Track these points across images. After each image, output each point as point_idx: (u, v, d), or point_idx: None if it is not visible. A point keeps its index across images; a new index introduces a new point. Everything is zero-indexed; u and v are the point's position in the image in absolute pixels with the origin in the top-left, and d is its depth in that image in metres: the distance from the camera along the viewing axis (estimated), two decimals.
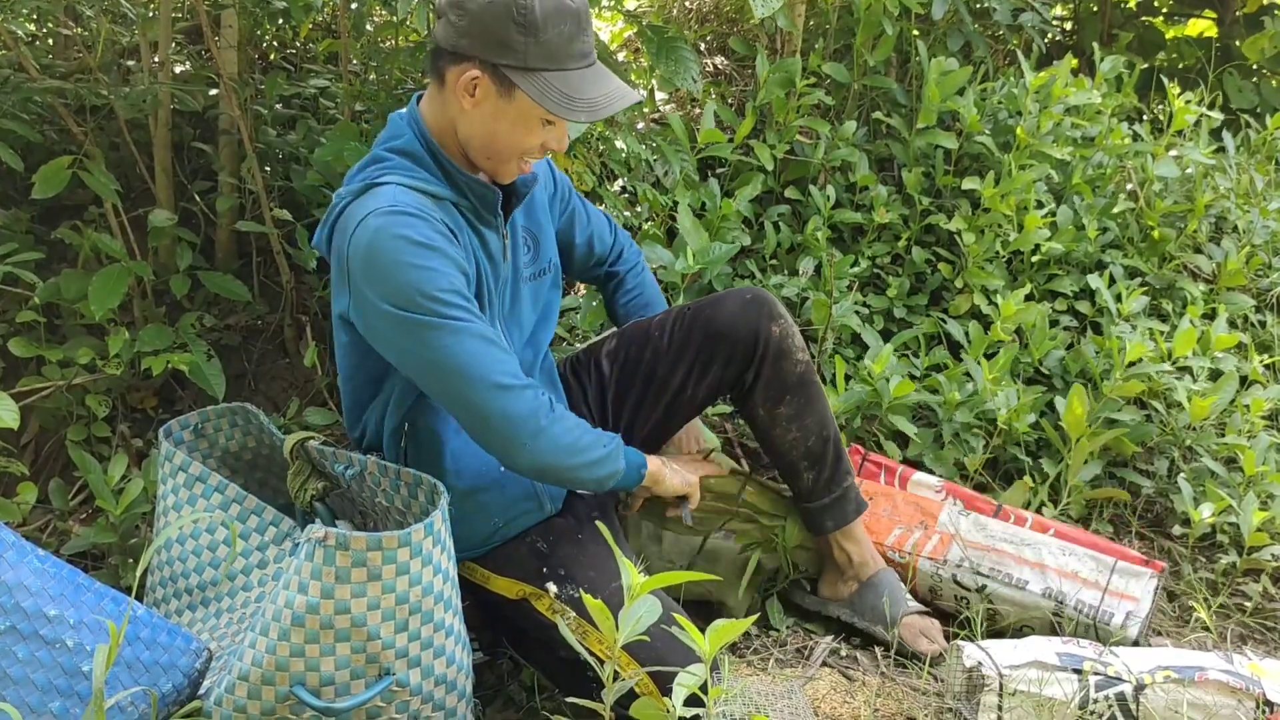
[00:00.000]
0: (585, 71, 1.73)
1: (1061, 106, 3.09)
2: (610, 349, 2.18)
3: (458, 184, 1.82)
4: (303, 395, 2.76)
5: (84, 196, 2.78)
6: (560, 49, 1.70)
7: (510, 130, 1.76)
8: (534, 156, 1.82)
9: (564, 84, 1.70)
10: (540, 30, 1.67)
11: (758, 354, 2.06)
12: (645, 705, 1.52)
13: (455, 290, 1.71)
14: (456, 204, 1.82)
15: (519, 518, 1.94)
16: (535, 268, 2.03)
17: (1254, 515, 2.41)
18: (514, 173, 1.84)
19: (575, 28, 1.70)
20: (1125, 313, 2.84)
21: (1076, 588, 2.14)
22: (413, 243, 1.69)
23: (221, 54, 2.74)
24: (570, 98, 1.70)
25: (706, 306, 2.09)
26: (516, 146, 1.78)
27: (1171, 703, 1.79)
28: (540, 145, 1.79)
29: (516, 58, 1.69)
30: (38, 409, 2.46)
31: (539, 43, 1.68)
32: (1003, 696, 1.82)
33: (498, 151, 1.79)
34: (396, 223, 1.69)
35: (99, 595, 1.59)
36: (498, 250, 1.89)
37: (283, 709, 1.59)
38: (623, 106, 1.74)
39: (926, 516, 2.31)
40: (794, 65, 2.97)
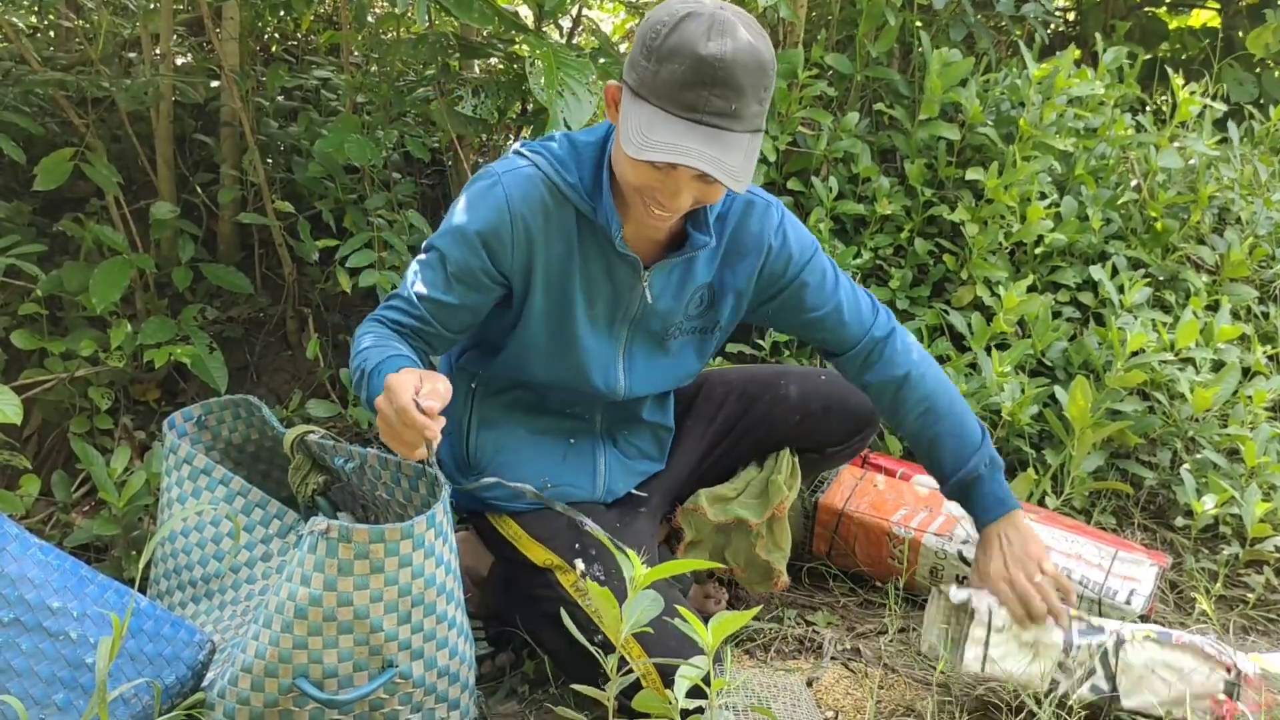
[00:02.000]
0: (680, 121, 1.57)
1: (1064, 97, 3.08)
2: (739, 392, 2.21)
3: (600, 200, 1.77)
4: (305, 387, 2.76)
5: (86, 189, 2.78)
6: (667, 88, 1.56)
7: (621, 156, 1.67)
8: (653, 204, 1.68)
9: (649, 119, 1.58)
10: (659, 59, 1.56)
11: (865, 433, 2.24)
12: (647, 697, 1.52)
13: (452, 261, 1.78)
14: (586, 216, 1.79)
15: (568, 489, 1.98)
16: (698, 323, 1.98)
17: (1256, 507, 2.41)
18: (642, 215, 1.72)
19: (691, 75, 1.54)
20: (1128, 304, 2.84)
21: (1082, 566, 2.15)
22: (470, 211, 1.78)
23: (223, 46, 2.74)
24: (639, 131, 1.58)
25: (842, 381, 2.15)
26: (627, 179, 1.68)
27: (1149, 660, 1.80)
28: (650, 188, 1.66)
29: (635, 79, 1.61)
30: (40, 401, 2.47)
31: (653, 73, 1.57)
32: (990, 631, 1.83)
33: (621, 178, 1.72)
34: (482, 196, 1.78)
35: (102, 587, 1.59)
36: (626, 285, 1.86)
37: (286, 701, 1.60)
38: (683, 162, 1.56)
39: (933, 502, 2.33)
40: (796, 56, 2.96)
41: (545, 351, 1.89)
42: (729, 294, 1.94)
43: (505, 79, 2.77)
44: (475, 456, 1.98)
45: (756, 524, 2.15)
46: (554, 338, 1.88)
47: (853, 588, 2.37)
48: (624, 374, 1.95)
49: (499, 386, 2.00)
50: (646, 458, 2.13)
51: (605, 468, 2.04)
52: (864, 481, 2.43)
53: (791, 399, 2.17)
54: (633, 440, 2.11)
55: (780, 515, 2.15)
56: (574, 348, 1.88)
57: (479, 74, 3.30)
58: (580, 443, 2.03)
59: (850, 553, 2.35)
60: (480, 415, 1.99)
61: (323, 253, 2.72)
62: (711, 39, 1.55)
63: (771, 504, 2.14)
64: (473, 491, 1.93)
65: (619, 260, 1.83)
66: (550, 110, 2.21)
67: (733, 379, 2.24)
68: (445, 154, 3.08)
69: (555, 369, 1.91)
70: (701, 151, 1.56)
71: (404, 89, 2.83)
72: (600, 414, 2.04)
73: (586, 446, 2.04)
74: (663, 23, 1.58)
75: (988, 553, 1.92)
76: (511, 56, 2.76)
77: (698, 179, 1.63)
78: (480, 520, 2.00)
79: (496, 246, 1.77)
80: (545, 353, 1.89)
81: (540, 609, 1.90)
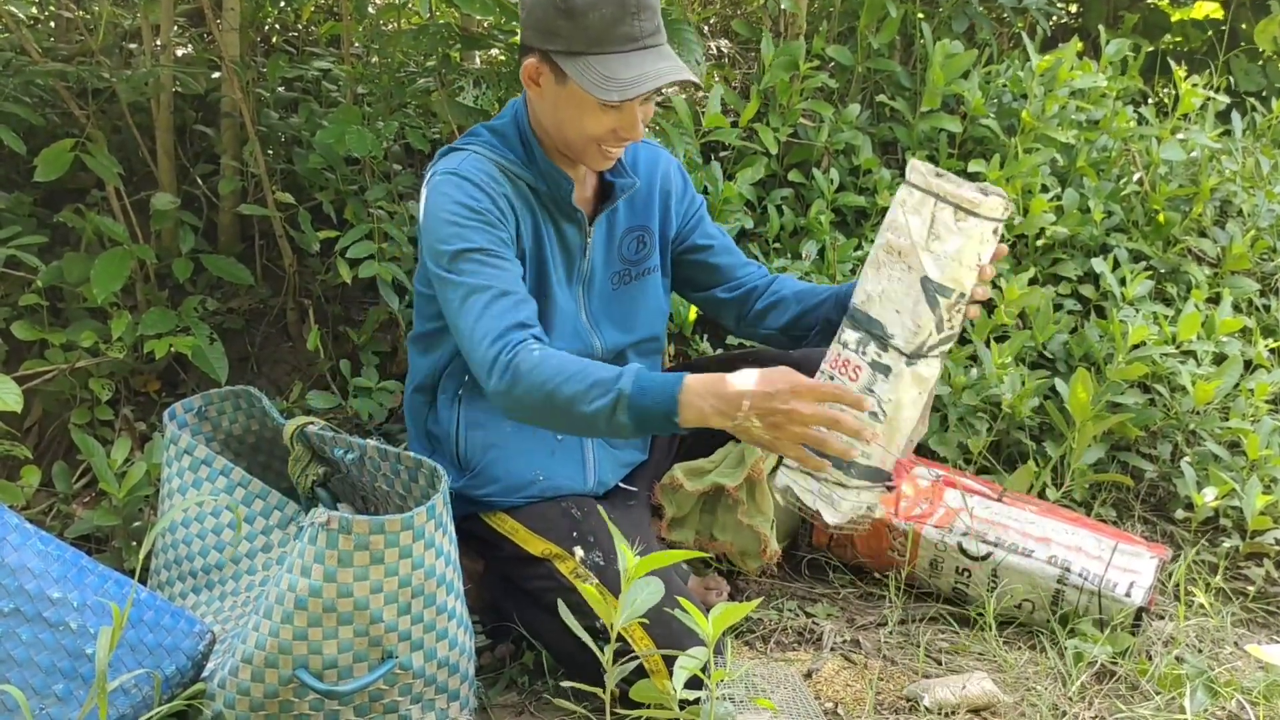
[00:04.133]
0: (630, 54, 1.73)
1: (1067, 90, 3.07)
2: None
3: (538, 169, 1.89)
4: (305, 378, 2.76)
5: (86, 180, 2.77)
6: (602, 32, 1.71)
7: (573, 117, 1.80)
8: (611, 144, 1.84)
9: (604, 66, 1.72)
10: (580, 15, 1.71)
11: None
12: (645, 687, 1.52)
13: (479, 248, 1.78)
14: (533, 187, 1.90)
15: (560, 480, 1.99)
16: (642, 266, 2.09)
17: (1257, 499, 2.41)
18: (598, 161, 1.88)
19: (618, 10, 1.71)
20: (1129, 296, 2.84)
21: (1082, 557, 2.16)
22: (456, 201, 1.80)
23: (223, 36, 2.73)
24: (606, 78, 1.72)
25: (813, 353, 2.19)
26: (584, 133, 1.81)
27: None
28: (611, 131, 1.81)
29: (562, 43, 1.73)
30: (41, 392, 2.47)
31: (580, 27, 1.71)
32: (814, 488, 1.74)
33: (568, 140, 1.84)
34: (450, 182, 1.83)
35: (102, 578, 1.60)
36: (576, 244, 1.97)
37: (286, 692, 1.60)
38: (660, 84, 1.73)
39: (933, 495, 2.33)
40: (798, 48, 2.96)
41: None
42: (654, 232, 2.08)
43: (506, 70, 2.77)
44: (466, 457, 2.00)
45: (735, 488, 2.16)
46: (539, 310, 1.92)
47: (853, 579, 2.37)
48: (593, 330, 2.02)
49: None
50: (632, 447, 2.16)
51: (594, 459, 2.05)
52: None
53: None
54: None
55: (758, 478, 2.17)
56: (551, 310, 1.95)
57: (480, 65, 3.29)
58: (568, 435, 2.04)
59: (850, 545, 2.35)
60: (468, 417, 2.00)
61: (323, 244, 2.72)
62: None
63: (748, 465, 2.15)
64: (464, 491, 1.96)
65: (568, 221, 1.95)
66: None
67: (705, 364, 2.31)
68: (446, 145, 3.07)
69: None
70: (667, 68, 1.75)
71: (405, 80, 2.83)
72: None
73: (574, 438, 2.04)
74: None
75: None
76: (512, 47, 2.76)
77: (643, 102, 1.79)
78: (474, 522, 2.00)
79: (497, 212, 1.83)
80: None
81: (539, 601, 1.91)
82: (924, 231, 1.64)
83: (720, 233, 2.21)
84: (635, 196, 2.05)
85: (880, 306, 1.67)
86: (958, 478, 2.41)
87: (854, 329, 1.70)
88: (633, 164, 2.05)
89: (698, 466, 2.22)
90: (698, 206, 2.17)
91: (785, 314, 2.10)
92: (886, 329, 1.66)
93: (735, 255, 2.19)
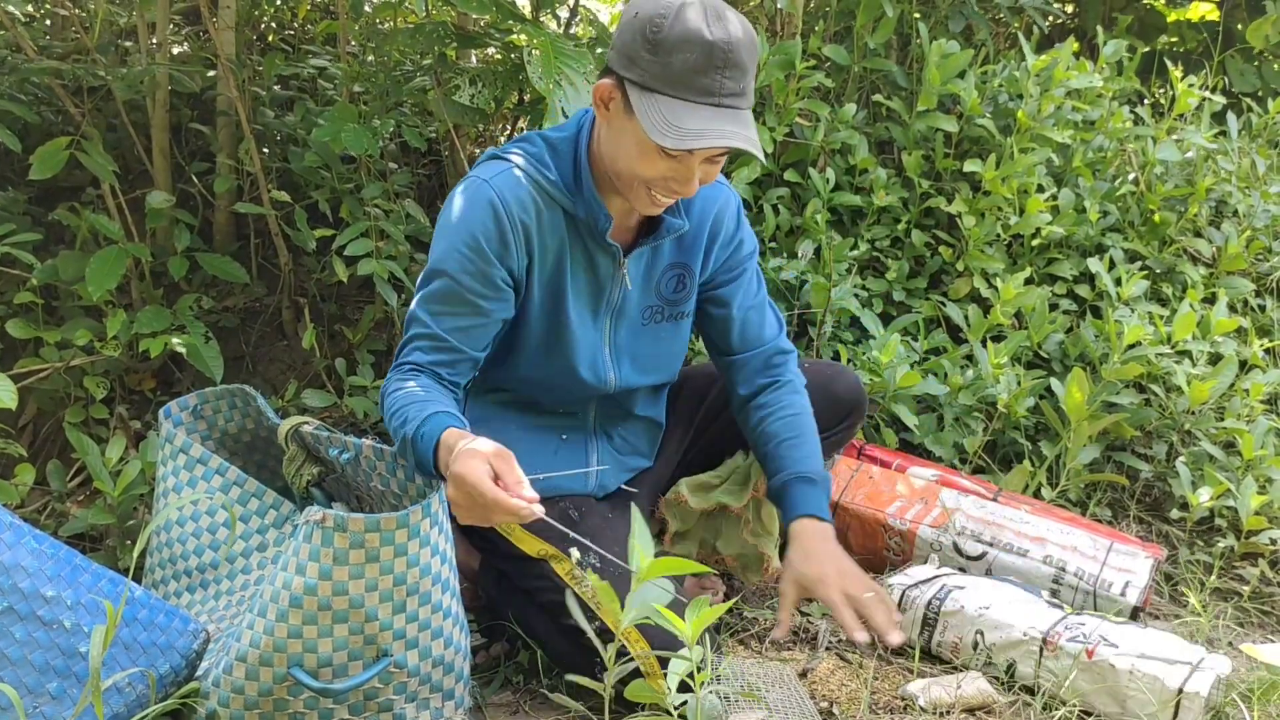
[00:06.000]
0: (703, 107, 1.62)
1: (1063, 90, 3.07)
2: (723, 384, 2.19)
3: (581, 196, 1.81)
4: (301, 377, 2.76)
5: (82, 178, 2.77)
6: (682, 76, 1.61)
7: (631, 153, 1.70)
8: (661, 192, 1.74)
9: (671, 110, 1.62)
10: (666, 52, 1.61)
11: (851, 420, 2.21)
12: (640, 687, 1.52)
13: (457, 284, 1.77)
14: (569, 212, 1.83)
15: (560, 481, 1.97)
16: (678, 308, 2.02)
17: (1252, 499, 2.41)
18: (646, 205, 1.78)
19: (703, 61, 1.60)
20: (1125, 296, 2.84)
21: (1077, 557, 2.16)
22: (468, 226, 1.76)
23: (219, 35, 2.73)
24: (669, 123, 1.61)
25: (826, 369, 2.20)
26: (636, 172, 1.72)
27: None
28: (663, 179, 1.71)
29: (640, 74, 1.64)
30: (36, 390, 2.46)
31: (662, 64, 1.61)
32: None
33: (620, 174, 1.75)
34: (474, 197, 1.78)
35: (96, 576, 1.59)
36: (607, 275, 1.90)
37: (280, 690, 1.60)
38: (720, 144, 1.62)
39: (928, 495, 2.34)
40: (794, 47, 2.96)
41: (539, 348, 1.91)
42: (695, 272, 1.99)
43: (503, 69, 2.76)
44: None
45: (739, 509, 2.16)
46: (548, 333, 1.90)
47: None
48: (612, 365, 1.97)
49: (492, 385, 2.00)
50: (637, 453, 2.15)
51: (597, 462, 2.05)
52: (860, 473, 2.43)
53: None
54: (626, 435, 2.12)
55: (762, 498, 2.16)
56: (565, 342, 1.90)
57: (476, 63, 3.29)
58: (573, 438, 2.04)
59: (845, 544, 2.35)
60: (472, 414, 1.99)
61: (319, 242, 2.72)
62: (713, 24, 1.60)
63: (752, 485, 2.15)
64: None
65: (601, 251, 1.87)
66: (548, 100, 2.21)
67: (715, 372, 2.25)
68: (442, 144, 3.07)
69: (546, 366, 1.92)
70: (734, 132, 1.63)
71: (401, 78, 2.83)
72: (594, 410, 2.06)
73: (579, 441, 2.04)
74: (661, 15, 1.61)
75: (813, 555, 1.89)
76: (509, 46, 2.75)
77: (706, 162, 1.70)
78: None
79: (502, 249, 1.78)
80: (538, 349, 1.91)
81: (535, 600, 1.90)
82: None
83: (753, 300, 2.07)
84: (684, 234, 1.95)
85: None
86: (953, 477, 2.42)
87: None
88: (689, 202, 1.94)
89: (703, 482, 2.21)
90: (743, 256, 2.04)
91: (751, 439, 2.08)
92: None
93: (753, 330, 2.07)
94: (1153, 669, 1.77)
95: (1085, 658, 1.82)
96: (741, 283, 2.04)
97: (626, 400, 2.06)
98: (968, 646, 1.96)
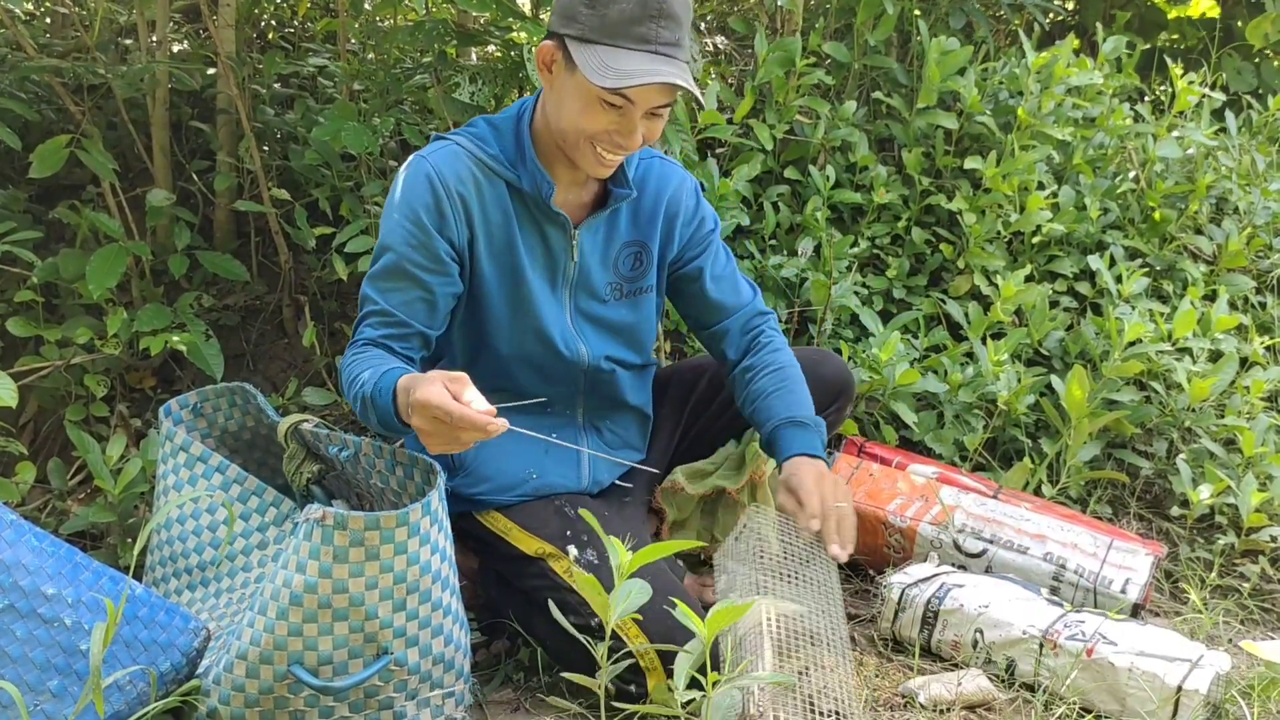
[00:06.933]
0: (640, 53, 1.69)
1: (1063, 87, 3.07)
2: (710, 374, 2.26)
3: (525, 168, 1.86)
4: (301, 375, 2.76)
5: (82, 176, 2.77)
6: (618, 26, 1.69)
7: (574, 109, 1.76)
8: (606, 147, 1.79)
9: (610, 56, 1.69)
10: (603, 4, 1.69)
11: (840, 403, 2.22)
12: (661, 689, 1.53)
13: (402, 257, 1.82)
14: (514, 186, 1.88)
15: (554, 479, 2.00)
16: (638, 284, 2.05)
17: (1252, 496, 2.41)
18: (593, 164, 1.83)
19: (638, 10, 1.68)
20: (1125, 294, 2.84)
21: (1077, 554, 2.16)
22: (408, 202, 1.82)
23: (219, 33, 2.73)
24: (607, 65, 1.68)
25: (812, 355, 2.21)
26: (579, 127, 1.77)
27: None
28: (607, 132, 1.77)
29: (579, 29, 1.71)
30: (36, 389, 2.46)
31: (599, 15, 1.69)
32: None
33: (565, 132, 1.80)
34: (414, 174, 1.84)
35: (97, 574, 1.59)
36: (560, 247, 1.94)
37: (281, 688, 1.60)
38: (655, 82, 1.68)
39: (928, 492, 2.34)
40: (794, 45, 2.95)
41: (505, 320, 1.93)
42: (654, 251, 2.03)
43: (502, 66, 2.76)
44: (459, 455, 1.98)
45: (735, 490, 2.17)
46: (510, 304, 1.92)
47: (848, 575, 2.37)
48: (579, 336, 2.00)
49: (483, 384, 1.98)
50: (629, 446, 2.15)
51: (589, 457, 2.05)
52: (860, 470, 2.43)
53: None
54: (615, 429, 2.13)
55: (760, 481, 2.17)
56: (531, 311, 1.93)
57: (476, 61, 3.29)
58: (563, 435, 2.03)
59: None
60: None
61: (319, 240, 2.72)
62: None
63: (749, 468, 2.15)
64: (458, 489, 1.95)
65: (550, 223, 1.92)
66: None
67: (703, 363, 2.30)
68: None
69: (517, 338, 1.95)
70: (671, 73, 1.69)
71: (401, 76, 2.83)
72: (581, 404, 2.06)
73: (569, 438, 2.04)
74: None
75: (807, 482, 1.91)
76: (509, 44, 2.75)
77: (647, 115, 1.76)
78: (467, 520, 1.99)
79: (439, 221, 1.83)
80: (505, 322, 1.93)
81: (534, 599, 1.90)
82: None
83: (723, 270, 2.13)
84: (639, 211, 2.01)
85: None
86: (954, 475, 2.42)
87: None
88: (641, 178, 2.00)
89: (699, 469, 2.22)
90: (706, 232, 2.10)
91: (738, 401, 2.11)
92: None
93: (728, 297, 2.12)
94: (1152, 666, 1.77)
95: (1085, 656, 1.82)
96: (708, 255, 2.10)
97: (610, 386, 2.07)
98: (967, 645, 1.96)
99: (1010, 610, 1.94)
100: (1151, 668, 1.77)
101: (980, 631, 1.94)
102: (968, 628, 1.96)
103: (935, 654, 2.03)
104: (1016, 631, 1.91)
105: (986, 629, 1.94)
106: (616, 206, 1.97)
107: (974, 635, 1.95)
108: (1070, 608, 1.97)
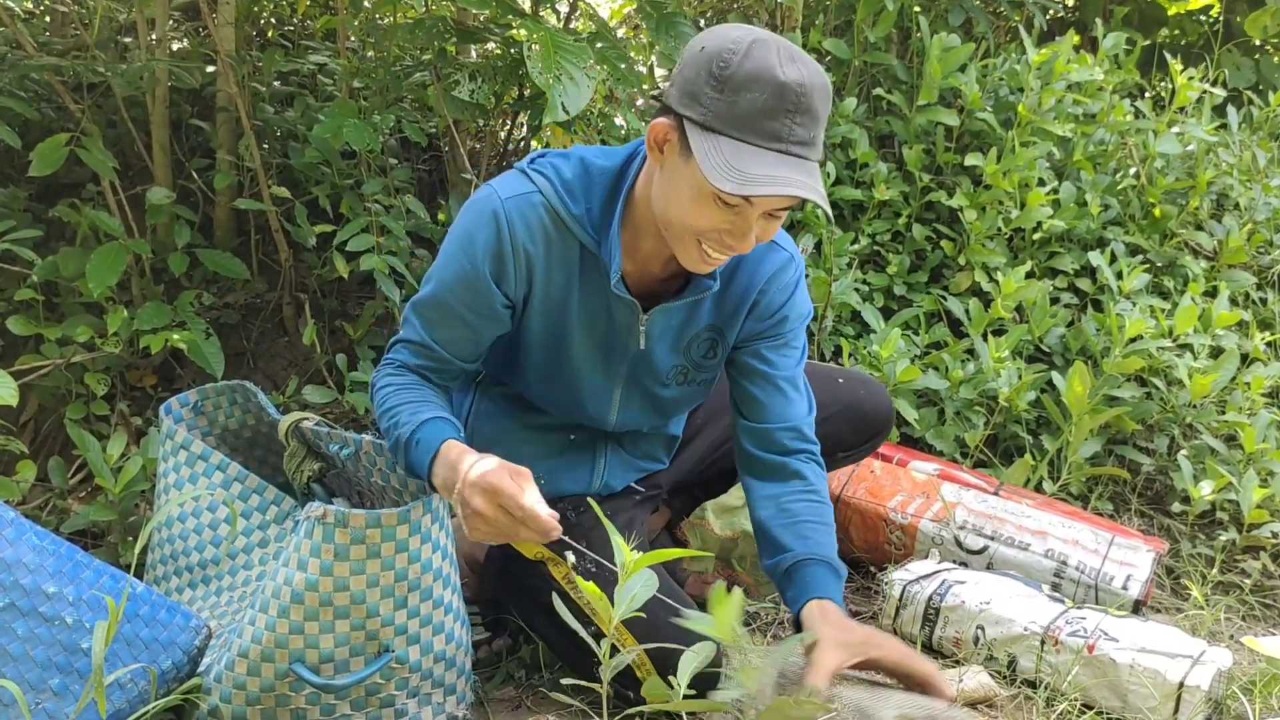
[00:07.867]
0: (769, 153, 1.47)
1: (1063, 83, 3.07)
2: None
3: (608, 239, 1.68)
4: (302, 373, 2.76)
5: (82, 174, 2.77)
6: (748, 119, 1.46)
7: (684, 200, 1.54)
8: (713, 246, 1.58)
9: (734, 153, 1.46)
10: (733, 90, 1.46)
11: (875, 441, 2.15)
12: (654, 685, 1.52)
13: (451, 297, 1.70)
14: (586, 249, 1.71)
15: (564, 482, 1.92)
16: (706, 374, 1.89)
17: (1254, 492, 2.41)
18: (695, 261, 1.61)
19: (774, 102, 1.45)
20: (1126, 290, 2.84)
21: (1079, 551, 2.16)
22: (469, 245, 1.67)
23: (219, 31, 2.72)
24: (729, 165, 1.46)
25: (858, 387, 2.11)
26: (687, 222, 1.55)
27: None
28: (717, 231, 1.55)
29: (702, 113, 1.49)
30: (36, 387, 2.46)
31: (728, 103, 1.46)
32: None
33: (670, 223, 1.59)
34: (485, 215, 1.67)
35: (98, 572, 1.59)
36: (624, 324, 1.77)
37: (282, 686, 1.60)
38: (787, 193, 1.46)
39: (929, 489, 2.34)
40: (794, 41, 2.95)
41: (540, 375, 1.84)
42: (729, 339, 1.86)
43: (502, 64, 2.76)
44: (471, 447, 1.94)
45: None
46: (549, 364, 1.82)
47: (849, 572, 2.36)
48: (616, 408, 1.89)
49: (501, 383, 1.96)
50: (651, 458, 2.07)
51: (604, 465, 1.98)
52: (861, 467, 2.43)
53: None
54: (639, 442, 2.04)
55: None
56: (568, 376, 1.83)
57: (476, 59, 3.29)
58: (580, 439, 1.96)
59: (846, 538, 2.36)
60: (479, 407, 1.94)
61: (319, 238, 2.71)
62: (786, 65, 1.47)
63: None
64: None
65: (617, 300, 1.75)
66: (548, 95, 2.20)
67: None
68: (442, 139, 3.07)
69: (549, 392, 1.87)
70: (802, 182, 1.47)
71: (401, 74, 2.82)
72: (604, 434, 1.99)
73: (587, 443, 1.97)
74: (731, 50, 1.48)
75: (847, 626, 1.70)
76: (509, 41, 2.75)
77: (765, 216, 1.56)
78: None
79: (499, 272, 1.69)
80: (540, 376, 1.84)
81: (535, 599, 1.90)
82: None
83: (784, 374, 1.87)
84: (725, 301, 1.80)
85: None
86: (955, 471, 2.42)
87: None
88: (733, 264, 1.78)
89: (726, 504, 2.20)
90: (786, 329, 1.86)
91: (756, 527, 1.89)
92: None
93: (775, 406, 1.87)
94: (1153, 663, 1.77)
95: (1086, 652, 1.82)
96: (779, 351, 1.88)
97: (637, 434, 2.01)
98: (969, 642, 1.96)
99: (1012, 607, 1.94)
100: (1153, 664, 1.77)
101: (982, 628, 1.94)
102: (969, 624, 1.96)
103: (937, 651, 2.03)
104: (1018, 628, 1.90)
105: (988, 626, 1.94)
106: (691, 297, 1.76)
107: (975, 632, 1.95)
108: (1071, 604, 1.97)
